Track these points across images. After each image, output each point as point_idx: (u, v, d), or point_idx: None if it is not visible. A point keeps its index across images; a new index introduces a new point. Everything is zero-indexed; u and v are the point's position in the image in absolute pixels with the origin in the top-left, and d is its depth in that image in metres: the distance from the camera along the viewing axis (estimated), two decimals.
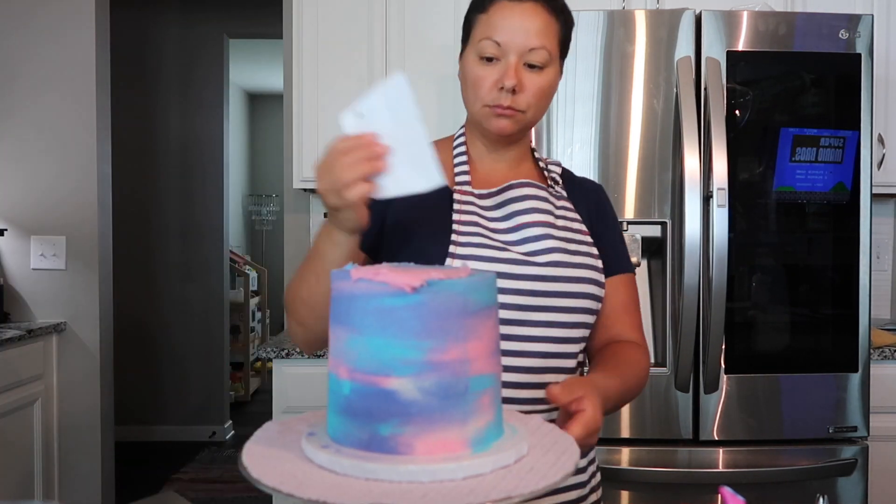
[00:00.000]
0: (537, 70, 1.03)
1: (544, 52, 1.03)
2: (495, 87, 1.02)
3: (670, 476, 1.89)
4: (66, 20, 2.72)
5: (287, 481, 0.56)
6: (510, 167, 1.12)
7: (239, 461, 0.61)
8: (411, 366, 0.58)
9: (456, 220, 1.03)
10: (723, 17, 1.92)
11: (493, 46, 1.02)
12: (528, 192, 1.07)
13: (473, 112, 1.07)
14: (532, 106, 1.04)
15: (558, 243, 1.03)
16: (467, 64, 1.06)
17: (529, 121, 1.06)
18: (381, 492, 0.55)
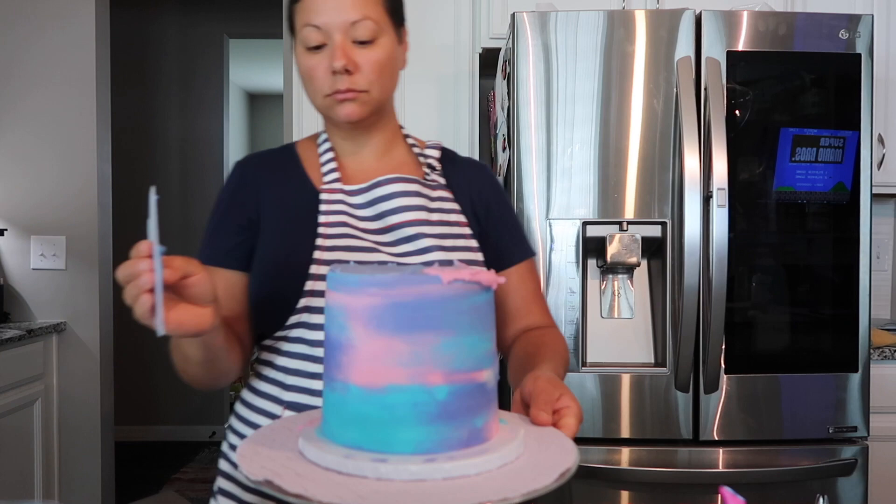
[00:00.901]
0: (368, 45, 0.96)
1: (368, 22, 0.96)
2: (328, 74, 0.96)
3: (670, 476, 1.89)
4: (66, 21, 2.72)
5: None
6: (378, 157, 1.06)
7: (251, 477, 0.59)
8: (491, 356, 0.63)
9: (322, 221, 0.98)
10: (723, 17, 1.92)
11: (315, 32, 0.96)
12: (398, 189, 1.01)
13: (318, 107, 1.01)
14: (374, 83, 0.97)
15: (434, 241, 0.99)
16: (298, 58, 1.00)
17: (377, 100, 1.00)
18: (374, 488, 0.55)
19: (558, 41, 1.93)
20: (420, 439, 0.58)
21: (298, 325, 0.96)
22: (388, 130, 1.08)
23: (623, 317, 1.96)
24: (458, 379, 0.59)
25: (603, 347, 1.93)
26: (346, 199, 1.00)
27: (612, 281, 1.97)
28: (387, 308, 0.58)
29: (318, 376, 0.93)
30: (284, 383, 0.97)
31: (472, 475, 0.57)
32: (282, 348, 0.98)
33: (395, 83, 1.03)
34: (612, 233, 1.91)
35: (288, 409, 0.96)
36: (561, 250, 1.92)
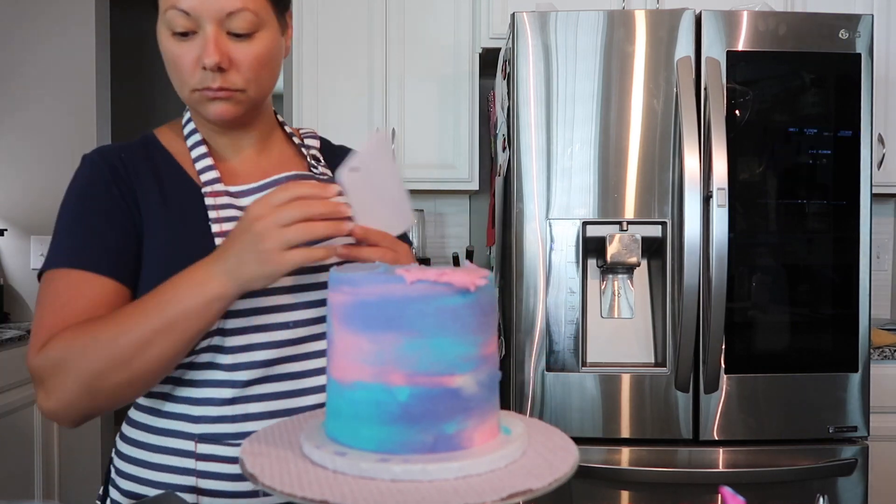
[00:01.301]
0: (246, 38, 0.84)
1: (248, 14, 0.83)
2: (197, 67, 0.83)
3: (670, 476, 1.89)
4: (66, 20, 2.72)
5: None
6: (258, 150, 0.96)
7: (244, 468, 0.60)
8: (470, 361, 0.60)
9: (216, 231, 0.86)
10: (723, 17, 1.92)
11: (183, 17, 0.82)
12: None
13: (184, 99, 0.88)
14: (251, 81, 0.85)
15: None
16: (161, 40, 0.87)
17: (254, 98, 0.88)
18: (380, 489, 0.55)
19: (558, 41, 1.93)
20: (381, 438, 0.59)
21: (208, 349, 0.85)
22: (265, 123, 0.97)
23: (623, 317, 1.96)
24: (422, 382, 0.58)
25: (603, 347, 1.93)
26: (234, 202, 0.89)
27: (612, 281, 1.97)
28: (355, 306, 0.59)
29: (234, 401, 0.85)
30: (192, 415, 0.86)
31: (422, 481, 0.56)
32: (182, 377, 0.86)
33: (276, 78, 0.91)
34: (612, 233, 1.91)
35: (202, 441, 0.85)
36: (561, 250, 1.92)
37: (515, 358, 1.94)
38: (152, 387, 0.82)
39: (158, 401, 0.89)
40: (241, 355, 0.85)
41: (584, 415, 1.91)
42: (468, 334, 0.60)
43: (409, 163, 2.61)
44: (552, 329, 1.91)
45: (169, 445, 0.87)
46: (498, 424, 0.64)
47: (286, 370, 0.87)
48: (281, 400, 0.87)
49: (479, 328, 0.60)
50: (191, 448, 0.86)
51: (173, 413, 0.88)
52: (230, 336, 0.84)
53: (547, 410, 1.91)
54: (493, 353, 0.63)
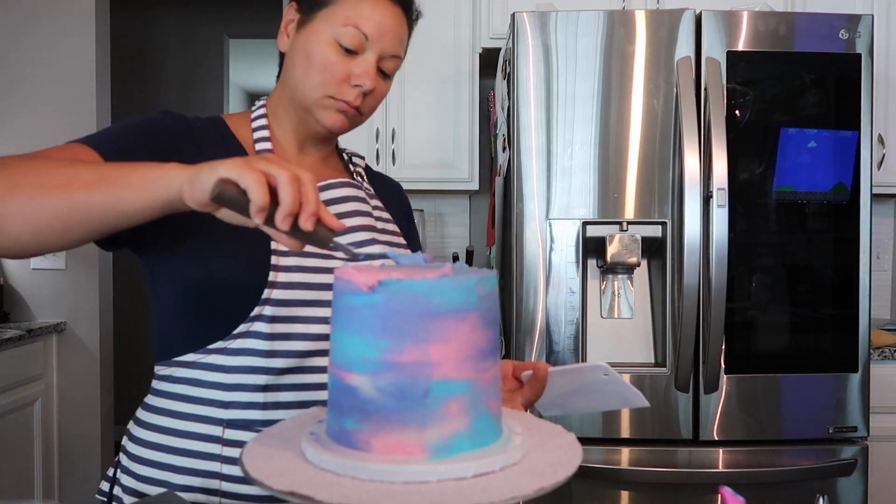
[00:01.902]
0: (386, 78, 0.96)
1: (399, 61, 0.97)
2: (346, 81, 0.92)
3: (670, 476, 1.89)
4: (66, 20, 2.72)
5: (297, 483, 0.56)
6: (319, 160, 1.02)
7: (240, 463, 0.61)
8: (369, 364, 0.59)
9: None
10: (723, 17, 1.92)
11: (359, 38, 0.91)
12: (349, 193, 0.98)
13: (309, 97, 0.93)
14: (370, 110, 0.97)
15: (384, 247, 0.97)
16: (317, 42, 0.92)
17: (359, 124, 0.98)
18: (384, 492, 0.55)
19: (558, 41, 1.93)
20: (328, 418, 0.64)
21: (246, 334, 0.87)
22: (334, 141, 1.06)
23: (623, 317, 1.96)
24: (334, 373, 0.62)
25: (603, 347, 1.93)
26: None
27: (612, 281, 1.97)
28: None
29: (266, 388, 0.87)
30: (223, 401, 0.88)
31: (469, 477, 0.58)
32: (215, 363, 0.88)
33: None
34: (612, 233, 1.91)
35: (230, 427, 0.88)
36: (561, 250, 1.92)
37: (515, 358, 1.94)
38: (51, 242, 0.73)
39: (186, 386, 0.91)
40: (281, 343, 0.87)
41: (584, 415, 1.91)
42: (368, 336, 0.58)
43: (409, 163, 2.61)
44: (552, 329, 1.91)
45: (195, 430, 0.89)
46: (419, 442, 0.59)
47: (318, 363, 0.90)
48: (311, 391, 0.89)
49: (383, 332, 0.58)
50: (218, 433, 0.88)
51: (202, 398, 0.89)
52: (273, 323, 0.87)
53: None
54: (413, 364, 0.58)
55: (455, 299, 0.59)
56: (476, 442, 0.61)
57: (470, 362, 0.60)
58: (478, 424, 0.61)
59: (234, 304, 0.87)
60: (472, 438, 0.60)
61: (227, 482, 0.87)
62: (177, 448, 0.89)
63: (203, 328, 0.89)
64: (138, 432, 0.94)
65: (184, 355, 0.91)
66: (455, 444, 0.59)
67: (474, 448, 0.60)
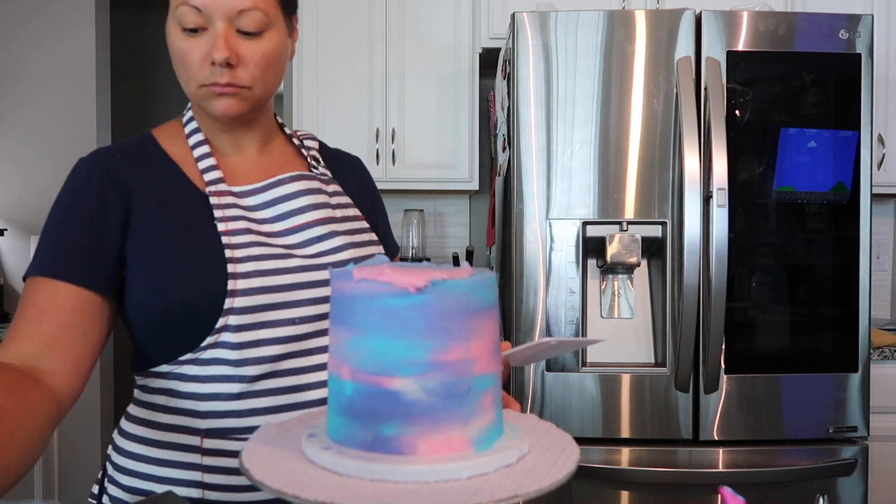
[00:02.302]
0: (254, 36, 0.86)
1: (258, 13, 0.85)
2: (206, 63, 0.85)
3: (670, 476, 1.89)
4: (66, 20, 2.72)
5: (292, 483, 0.56)
6: (259, 150, 0.97)
7: (240, 463, 0.61)
8: (415, 366, 0.58)
9: (223, 229, 0.87)
10: (723, 17, 1.92)
11: (194, 13, 0.84)
12: (301, 187, 0.93)
13: (190, 94, 0.90)
14: (258, 79, 0.88)
15: (346, 238, 0.93)
16: (170, 36, 0.87)
17: (260, 97, 0.90)
18: (387, 492, 0.55)
19: (558, 41, 1.93)
20: (335, 427, 0.62)
21: (215, 345, 0.85)
22: (267, 123, 0.99)
23: (623, 317, 1.96)
24: (363, 379, 0.59)
25: (603, 347, 1.93)
26: (238, 202, 0.90)
27: (612, 281, 1.97)
28: (332, 302, 0.63)
29: (241, 396, 0.86)
30: (198, 410, 0.87)
31: (464, 479, 0.57)
32: (188, 373, 0.87)
33: (281, 78, 0.94)
34: (612, 233, 1.91)
35: (207, 437, 0.87)
36: (561, 250, 1.92)
37: None
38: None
39: (163, 397, 0.89)
40: (249, 351, 0.86)
41: (584, 415, 1.91)
42: (413, 337, 0.58)
43: (409, 163, 2.61)
44: (552, 329, 1.91)
45: (174, 441, 0.88)
46: (464, 438, 0.60)
47: (292, 365, 0.88)
48: (287, 395, 0.88)
49: (430, 333, 0.58)
50: (196, 443, 0.87)
51: (178, 409, 0.88)
52: (238, 332, 0.85)
53: (547, 410, 1.91)
54: (458, 362, 0.59)
55: (487, 296, 0.61)
56: (500, 430, 0.64)
57: (496, 355, 0.63)
58: (499, 413, 0.64)
59: (198, 322, 0.85)
60: (498, 428, 0.63)
61: (209, 490, 0.86)
62: (158, 459, 0.88)
63: (173, 344, 0.87)
64: (121, 443, 0.93)
65: (158, 366, 0.89)
66: (490, 435, 0.62)
67: (500, 436, 0.63)
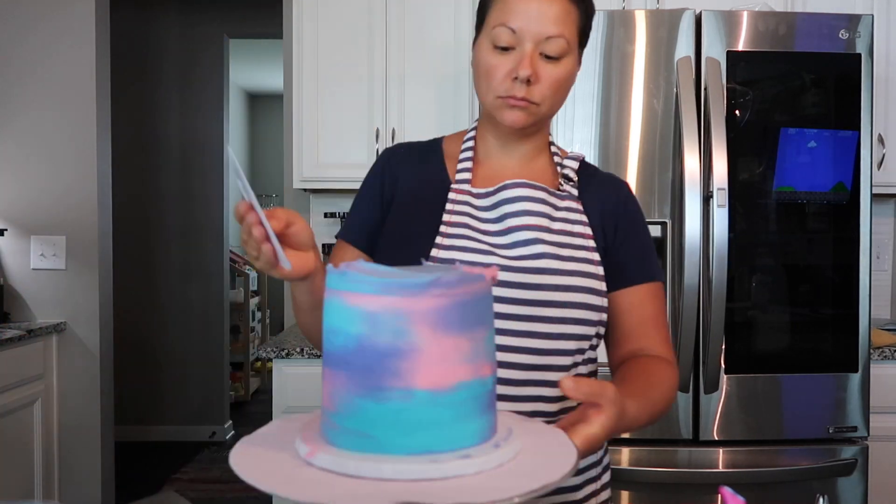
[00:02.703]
0: (554, 61, 0.97)
1: (562, 41, 0.97)
2: (509, 77, 0.97)
3: (670, 476, 1.89)
4: (65, 21, 2.72)
5: (285, 482, 0.56)
6: (522, 163, 1.07)
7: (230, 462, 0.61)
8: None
9: (446, 220, 1.01)
10: (723, 17, 1.92)
11: (508, 34, 0.96)
12: (522, 193, 1.01)
13: (486, 103, 1.02)
14: (547, 98, 0.99)
15: (549, 248, 0.98)
16: (480, 52, 1.01)
17: (544, 114, 1.01)
18: (385, 491, 0.55)
19: None
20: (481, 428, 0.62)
21: None
22: (539, 139, 1.08)
23: None
24: (495, 369, 0.65)
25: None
26: (471, 201, 1.03)
27: None
28: (454, 307, 0.59)
29: None
30: None
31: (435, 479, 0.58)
32: None
33: (563, 101, 1.04)
34: None
35: None
36: None
37: None
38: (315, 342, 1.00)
39: None
40: None
41: None
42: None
43: None
44: None
45: None
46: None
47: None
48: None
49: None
50: None
51: None
52: None
53: None
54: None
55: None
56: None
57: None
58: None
59: None
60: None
61: None
62: None
63: None
64: None
65: None
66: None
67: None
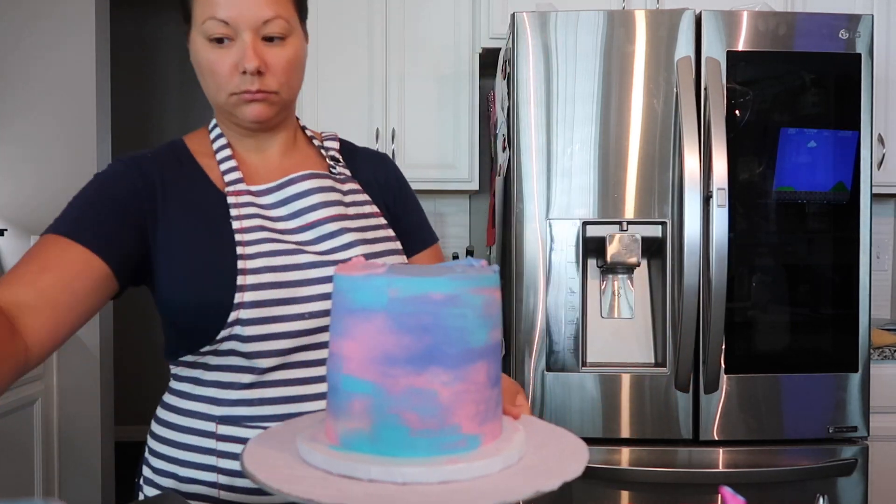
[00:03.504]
0: (279, 42, 0.92)
1: (281, 21, 0.91)
2: (236, 72, 0.90)
3: (670, 476, 1.89)
4: (66, 21, 2.72)
5: (291, 482, 0.56)
6: (282, 153, 1.01)
7: (241, 464, 0.61)
8: None
9: (238, 227, 0.91)
10: (723, 17, 1.92)
11: (221, 25, 0.89)
12: (312, 185, 0.97)
13: (220, 102, 0.94)
14: (284, 84, 0.93)
15: (357, 235, 0.96)
16: (196, 49, 0.93)
17: (286, 100, 0.96)
18: (385, 493, 0.55)
19: (558, 41, 1.93)
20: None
21: (230, 338, 0.90)
22: (290, 127, 1.03)
23: (623, 317, 1.96)
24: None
25: (603, 347, 1.93)
26: (254, 201, 0.95)
27: (612, 281, 1.97)
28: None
29: (253, 385, 0.91)
30: (216, 398, 0.93)
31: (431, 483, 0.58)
32: (210, 363, 0.93)
33: (301, 80, 0.99)
34: (612, 233, 1.91)
35: (221, 423, 0.92)
36: (561, 250, 1.92)
37: (515, 358, 1.94)
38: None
39: (189, 384, 0.96)
40: (259, 344, 0.90)
41: (584, 415, 1.91)
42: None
43: (409, 163, 2.61)
44: (552, 329, 1.91)
45: (193, 426, 0.94)
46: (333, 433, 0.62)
47: (302, 358, 0.92)
48: (297, 386, 0.92)
49: None
50: (212, 429, 0.92)
51: (201, 396, 0.94)
52: (248, 326, 0.89)
53: (547, 411, 1.91)
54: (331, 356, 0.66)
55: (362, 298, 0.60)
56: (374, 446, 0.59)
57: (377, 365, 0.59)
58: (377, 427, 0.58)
59: (214, 315, 0.90)
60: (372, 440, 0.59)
61: (223, 475, 0.91)
62: (179, 443, 0.94)
63: (195, 336, 0.92)
64: (154, 427, 0.99)
65: (185, 356, 0.95)
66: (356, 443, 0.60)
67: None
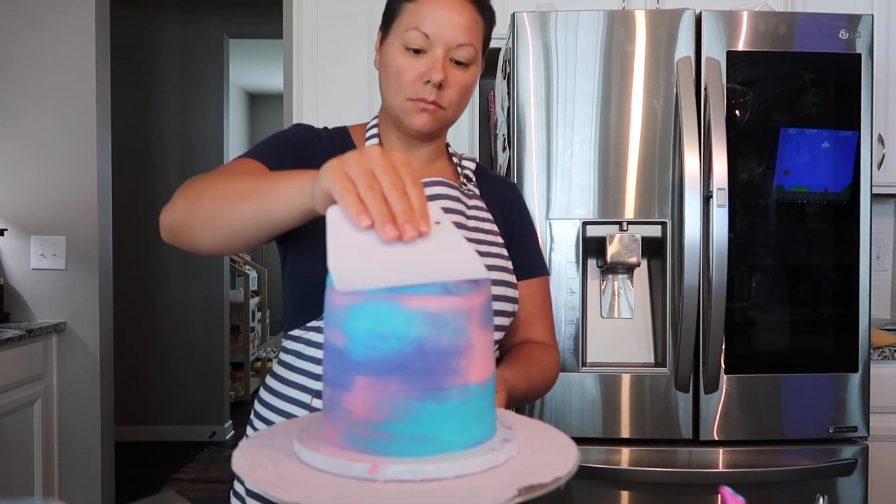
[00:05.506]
0: (462, 67, 1.02)
1: (471, 49, 1.01)
2: (420, 80, 1.00)
3: (670, 476, 1.89)
4: (66, 21, 2.72)
5: (282, 484, 0.56)
6: (423, 164, 1.10)
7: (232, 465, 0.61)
8: None
9: None
10: (723, 17, 1.92)
11: (421, 38, 0.99)
12: (439, 192, 1.05)
13: (393, 104, 1.04)
14: (454, 103, 1.03)
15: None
16: (390, 53, 1.02)
17: (449, 119, 1.05)
18: (381, 492, 0.55)
19: (558, 41, 1.93)
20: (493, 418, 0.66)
21: None
22: (439, 142, 1.12)
23: (623, 317, 1.96)
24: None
25: (603, 347, 1.93)
26: None
27: (612, 281, 1.97)
28: (488, 303, 0.63)
29: None
30: (313, 373, 1.01)
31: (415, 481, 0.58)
32: (312, 339, 1.02)
33: (466, 107, 1.08)
34: (612, 233, 1.91)
35: (317, 397, 1.01)
36: (561, 250, 1.92)
37: None
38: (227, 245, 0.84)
39: (293, 357, 1.05)
40: None
41: (584, 415, 1.91)
42: None
43: None
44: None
45: (293, 396, 1.03)
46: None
47: None
48: None
49: None
50: (307, 401, 1.01)
51: (301, 369, 1.03)
52: None
53: (547, 410, 1.91)
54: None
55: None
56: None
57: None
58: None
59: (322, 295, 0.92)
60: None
61: None
62: (280, 409, 1.03)
63: (306, 310, 1.02)
64: (262, 392, 1.09)
65: (293, 330, 1.05)
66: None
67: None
